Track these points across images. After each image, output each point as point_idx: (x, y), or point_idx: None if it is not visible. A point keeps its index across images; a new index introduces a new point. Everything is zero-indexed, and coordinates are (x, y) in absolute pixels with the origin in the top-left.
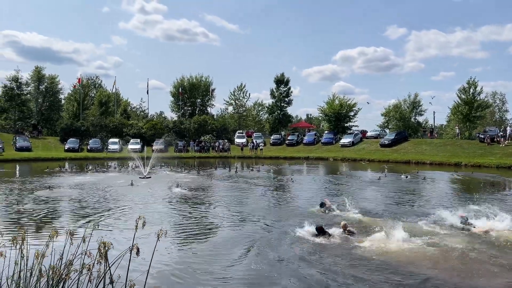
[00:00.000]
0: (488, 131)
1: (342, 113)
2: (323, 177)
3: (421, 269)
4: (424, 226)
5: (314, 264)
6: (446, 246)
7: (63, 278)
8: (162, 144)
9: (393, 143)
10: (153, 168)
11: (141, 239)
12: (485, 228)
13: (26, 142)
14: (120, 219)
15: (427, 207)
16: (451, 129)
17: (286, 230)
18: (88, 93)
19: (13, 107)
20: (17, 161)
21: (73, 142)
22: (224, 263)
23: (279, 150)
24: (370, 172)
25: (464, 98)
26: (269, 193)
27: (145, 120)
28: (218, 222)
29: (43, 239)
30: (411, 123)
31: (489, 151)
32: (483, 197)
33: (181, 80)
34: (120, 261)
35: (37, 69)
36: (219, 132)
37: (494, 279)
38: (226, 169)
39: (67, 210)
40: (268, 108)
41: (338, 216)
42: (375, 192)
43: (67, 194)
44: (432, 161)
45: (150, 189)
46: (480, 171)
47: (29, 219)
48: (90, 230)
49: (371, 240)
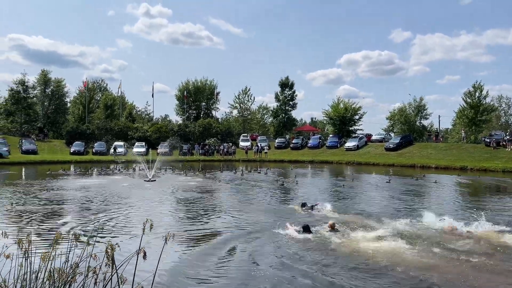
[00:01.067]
0: (494, 135)
1: (347, 117)
2: (329, 180)
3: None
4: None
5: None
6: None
7: (69, 280)
8: (166, 147)
9: (398, 147)
10: (158, 171)
11: (148, 243)
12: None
13: (32, 145)
14: (125, 221)
15: (421, 209)
16: (456, 133)
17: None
18: (93, 97)
19: (19, 110)
20: (23, 164)
21: (78, 145)
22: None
23: (284, 153)
24: (375, 176)
25: (469, 102)
26: (271, 194)
27: (150, 123)
28: (218, 224)
29: (48, 241)
30: (416, 127)
31: (494, 155)
32: (488, 201)
33: (186, 83)
34: (127, 264)
35: (43, 72)
36: (224, 135)
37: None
38: (232, 172)
39: (71, 212)
40: (273, 111)
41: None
42: (380, 194)
43: (72, 196)
44: (438, 165)
45: (155, 192)
46: (486, 175)
47: (32, 221)
48: (95, 233)
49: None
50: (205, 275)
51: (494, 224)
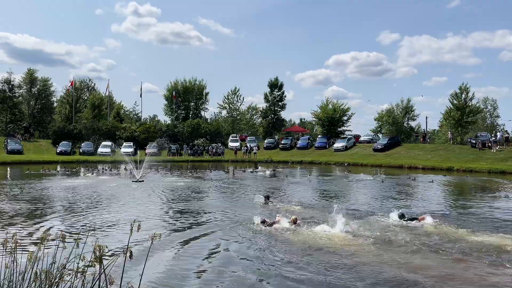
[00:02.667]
0: (480, 136)
1: (335, 118)
2: (316, 179)
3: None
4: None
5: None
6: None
7: (56, 281)
8: (155, 147)
9: (386, 148)
10: (146, 171)
11: (135, 242)
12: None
13: (18, 145)
14: (113, 222)
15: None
16: (443, 134)
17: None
18: (80, 96)
19: (4, 109)
20: (8, 164)
21: (65, 145)
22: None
23: (273, 154)
24: (364, 176)
25: (456, 103)
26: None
27: (138, 123)
28: (204, 222)
29: (35, 242)
30: (403, 128)
31: (480, 156)
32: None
33: (174, 83)
34: (113, 265)
35: (29, 71)
36: (213, 135)
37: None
38: (221, 172)
39: (57, 212)
40: (262, 112)
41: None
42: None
43: (59, 196)
44: (425, 166)
45: (143, 192)
46: (472, 176)
47: (17, 221)
48: (83, 233)
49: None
50: (194, 271)
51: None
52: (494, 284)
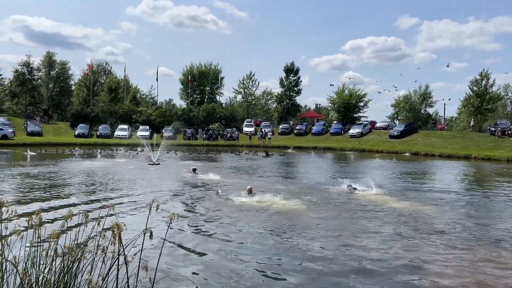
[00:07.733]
0: (499, 124)
1: (351, 104)
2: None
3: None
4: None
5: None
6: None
7: (78, 258)
8: (171, 131)
9: (402, 135)
10: (163, 154)
11: (154, 223)
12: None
13: (37, 127)
14: (132, 202)
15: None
16: (461, 121)
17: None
18: (98, 79)
19: (24, 92)
20: (28, 145)
21: (83, 128)
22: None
23: (288, 139)
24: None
25: (476, 90)
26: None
27: (154, 107)
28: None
29: (58, 220)
30: (421, 114)
31: (499, 144)
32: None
33: (190, 67)
34: (133, 243)
35: (48, 54)
36: (228, 120)
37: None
38: (237, 156)
39: (79, 193)
40: (277, 97)
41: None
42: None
43: (79, 177)
44: (441, 153)
45: (161, 175)
46: (490, 164)
47: (41, 201)
48: (104, 213)
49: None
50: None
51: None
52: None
